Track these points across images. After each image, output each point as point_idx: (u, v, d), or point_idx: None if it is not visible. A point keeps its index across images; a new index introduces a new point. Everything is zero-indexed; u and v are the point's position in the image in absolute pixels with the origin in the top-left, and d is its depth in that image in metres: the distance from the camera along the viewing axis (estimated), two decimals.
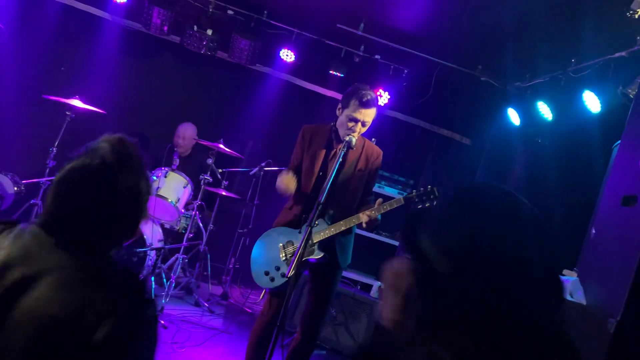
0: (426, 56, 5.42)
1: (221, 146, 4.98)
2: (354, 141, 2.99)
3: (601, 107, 3.87)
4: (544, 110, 4.60)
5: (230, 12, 5.56)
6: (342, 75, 5.72)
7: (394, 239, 5.97)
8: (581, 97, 4.00)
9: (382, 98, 5.69)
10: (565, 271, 2.96)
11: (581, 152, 4.18)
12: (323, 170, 3.11)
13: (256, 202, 5.63)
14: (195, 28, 5.64)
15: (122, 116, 5.83)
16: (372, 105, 3.05)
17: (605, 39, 3.74)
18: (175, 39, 5.92)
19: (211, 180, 4.99)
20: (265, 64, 6.11)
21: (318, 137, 3.18)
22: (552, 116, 4.56)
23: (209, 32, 5.65)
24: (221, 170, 5.43)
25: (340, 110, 3.12)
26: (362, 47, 5.53)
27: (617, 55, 3.71)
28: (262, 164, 5.44)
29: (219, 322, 4.67)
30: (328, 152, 3.15)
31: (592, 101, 3.92)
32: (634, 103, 2.95)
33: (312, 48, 5.71)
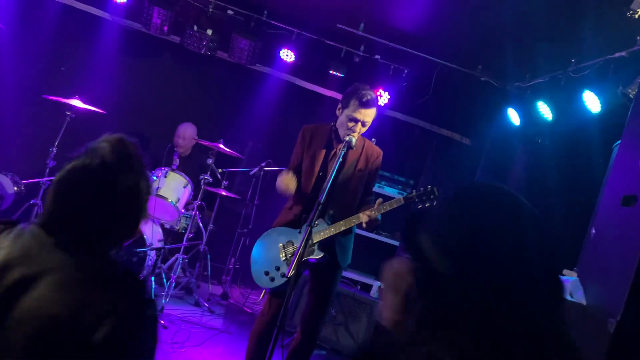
0: (426, 56, 5.42)
1: (221, 146, 4.98)
2: (354, 141, 2.98)
3: (601, 107, 3.87)
4: (544, 110, 4.60)
5: (230, 12, 5.56)
6: (342, 75, 5.72)
7: (394, 239, 5.97)
8: (581, 97, 4.00)
9: (382, 98, 5.69)
10: (565, 271, 2.96)
11: (581, 152, 4.18)
12: (323, 170, 3.11)
13: (256, 202, 5.63)
14: (195, 28, 5.64)
15: (122, 116, 5.83)
16: (372, 105, 3.05)
17: (605, 39, 3.74)
18: (175, 39, 5.92)
19: (211, 180, 4.99)
20: (265, 64, 6.11)
21: (318, 137, 3.18)
22: (552, 116, 4.56)
23: (209, 32, 5.65)
24: (221, 170, 5.43)
25: (340, 110, 3.12)
26: (362, 47, 5.53)
27: (617, 55, 3.71)
28: (262, 164, 5.44)
29: (219, 322, 4.67)
30: (328, 152, 3.15)
31: (592, 101, 3.92)
32: (634, 103, 2.95)
33: (312, 48, 5.71)
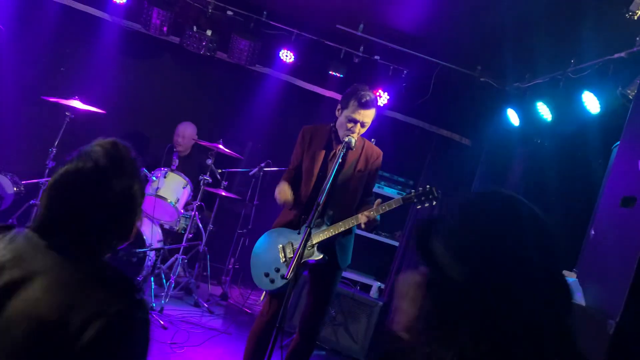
0: (425, 57, 5.42)
1: (221, 147, 4.98)
2: (354, 142, 2.98)
3: (600, 108, 3.87)
4: (544, 110, 4.60)
5: (229, 13, 5.56)
6: (342, 75, 5.72)
7: (394, 239, 5.97)
8: (580, 98, 3.99)
9: (382, 98, 5.69)
10: (564, 272, 2.96)
11: (580, 153, 4.18)
12: (323, 171, 3.11)
13: (256, 203, 5.63)
14: (194, 29, 5.64)
15: (122, 117, 5.83)
16: (371, 106, 3.05)
17: (604, 40, 3.74)
18: (174, 40, 5.91)
19: (210, 180, 4.98)
20: (264, 65, 6.10)
21: (318, 138, 3.18)
22: (552, 117, 4.56)
23: (209, 33, 5.64)
24: (221, 170, 5.43)
25: (339, 111, 3.12)
26: (362, 48, 5.53)
27: (617, 56, 3.71)
28: (262, 165, 5.44)
29: (219, 323, 4.67)
30: (328, 153, 3.15)
31: (592, 102, 3.92)
32: (633, 104, 2.94)
33: (312, 48, 5.71)
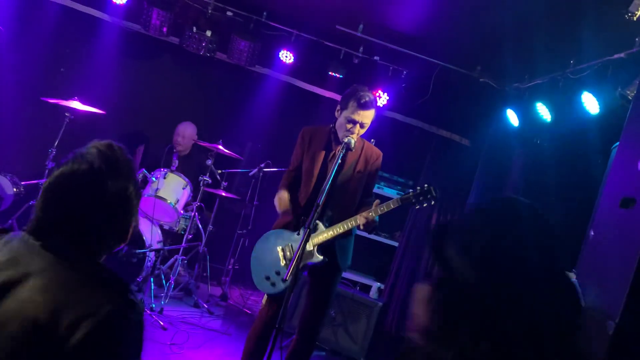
0: (425, 57, 5.42)
1: (220, 147, 4.97)
2: (353, 143, 2.98)
3: (600, 109, 3.87)
4: (543, 111, 4.60)
5: (229, 14, 5.56)
6: (341, 76, 5.72)
7: (394, 240, 5.97)
8: (580, 99, 4.00)
9: (381, 99, 5.69)
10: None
11: (580, 154, 4.18)
12: (322, 172, 3.11)
13: (255, 203, 5.63)
14: (194, 29, 5.64)
15: (122, 117, 5.83)
16: (371, 106, 3.05)
17: (604, 41, 3.74)
18: (174, 40, 5.91)
19: (210, 181, 4.98)
20: (264, 65, 6.10)
21: (317, 139, 3.18)
22: (551, 117, 4.56)
23: (208, 34, 5.64)
24: (220, 171, 5.43)
25: (339, 111, 3.12)
26: (361, 49, 5.53)
27: (616, 56, 3.71)
28: (262, 165, 5.44)
29: (218, 324, 4.66)
30: (327, 154, 3.15)
31: (591, 102, 3.92)
32: (633, 104, 2.95)
33: (311, 49, 5.71)
